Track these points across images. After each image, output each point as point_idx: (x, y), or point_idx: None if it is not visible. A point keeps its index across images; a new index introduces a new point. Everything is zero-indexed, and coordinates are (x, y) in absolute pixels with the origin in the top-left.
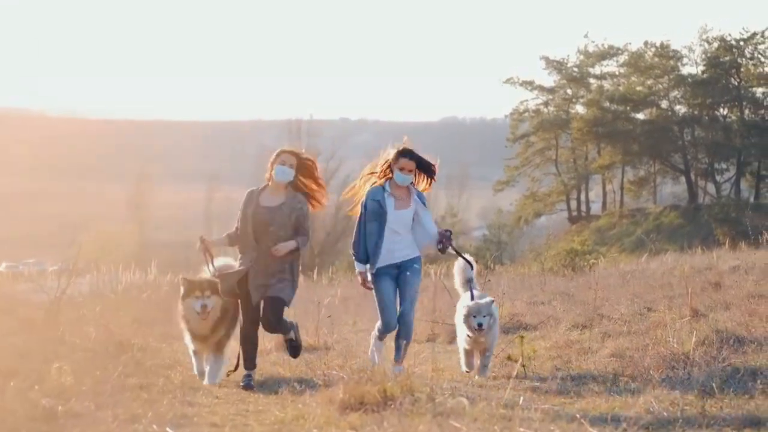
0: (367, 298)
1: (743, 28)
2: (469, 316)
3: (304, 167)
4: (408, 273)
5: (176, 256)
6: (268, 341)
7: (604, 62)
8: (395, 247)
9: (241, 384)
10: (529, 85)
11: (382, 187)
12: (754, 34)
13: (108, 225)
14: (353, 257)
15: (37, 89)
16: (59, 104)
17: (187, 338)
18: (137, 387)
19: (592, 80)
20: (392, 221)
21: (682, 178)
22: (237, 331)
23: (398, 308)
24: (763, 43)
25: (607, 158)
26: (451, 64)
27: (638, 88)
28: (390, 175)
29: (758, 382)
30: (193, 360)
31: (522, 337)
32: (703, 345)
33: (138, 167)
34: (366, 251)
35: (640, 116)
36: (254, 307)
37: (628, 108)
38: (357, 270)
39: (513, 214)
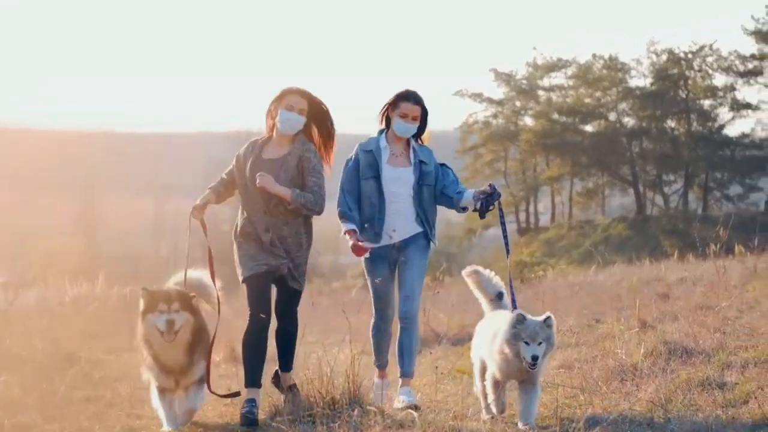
0: (318, 308)
1: (692, 41)
2: (518, 341)
3: (318, 113)
4: (409, 251)
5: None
6: (216, 353)
7: (553, 74)
8: (394, 222)
9: (243, 410)
10: (478, 97)
11: (378, 138)
12: (702, 47)
13: (56, 237)
14: (339, 217)
15: None
16: (4, 115)
17: (150, 371)
18: (85, 400)
19: (540, 92)
20: (387, 180)
21: (631, 190)
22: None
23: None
24: (711, 55)
25: (556, 170)
26: (402, 77)
27: (587, 100)
28: (386, 127)
29: (706, 393)
30: (158, 405)
31: (470, 348)
32: (651, 356)
33: (85, 179)
34: (354, 209)
35: (589, 128)
36: (260, 295)
37: (576, 120)
38: (344, 229)
39: (462, 226)
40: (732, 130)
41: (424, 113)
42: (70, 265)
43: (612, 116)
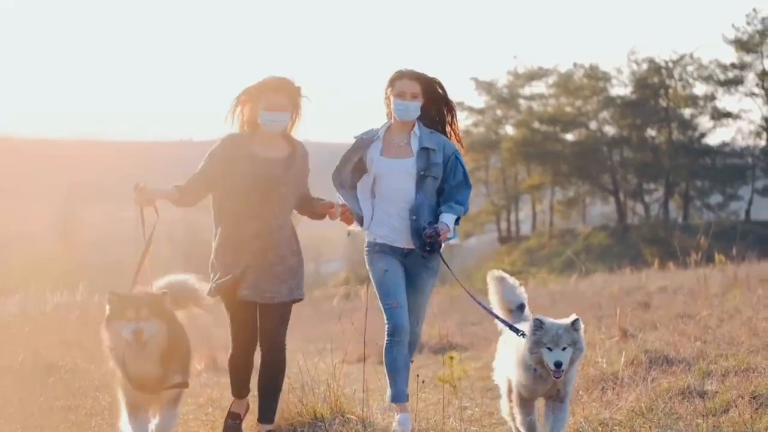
0: (299, 316)
1: (672, 50)
2: (539, 347)
3: (298, 109)
4: (418, 271)
5: (105, 277)
6: (197, 361)
7: (534, 83)
8: (394, 225)
9: (227, 423)
10: (459, 106)
11: (378, 128)
12: (683, 55)
13: (36, 245)
14: (334, 181)
15: None
16: None
17: (118, 385)
18: (65, 409)
19: (521, 101)
20: (380, 174)
21: (611, 199)
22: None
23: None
24: (692, 64)
25: (537, 179)
26: (381, 87)
27: (567, 109)
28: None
29: (687, 402)
30: (126, 428)
31: (452, 357)
32: (632, 365)
33: (66, 187)
34: (349, 183)
35: (570, 137)
36: (248, 318)
37: (557, 129)
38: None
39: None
40: (712, 139)
41: (433, 93)
42: (51, 273)
43: (593, 125)
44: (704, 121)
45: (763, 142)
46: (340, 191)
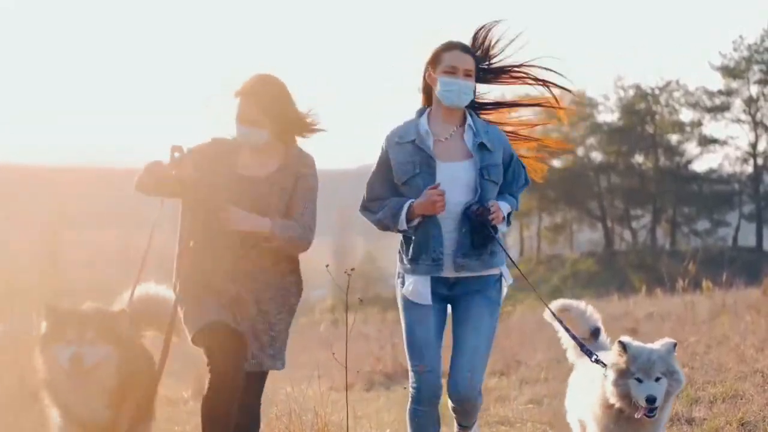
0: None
1: (659, 77)
2: (625, 378)
3: (282, 118)
4: (472, 303)
5: (90, 302)
6: (183, 389)
7: (520, 109)
8: (448, 245)
9: None
10: None
11: (417, 121)
12: (669, 82)
13: (21, 270)
14: (379, 224)
15: None
16: None
17: (55, 429)
18: None
19: None
20: (443, 182)
21: (599, 225)
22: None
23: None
24: (678, 91)
25: (524, 204)
26: (368, 111)
27: (554, 135)
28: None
29: (675, 428)
30: None
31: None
32: None
33: (50, 212)
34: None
35: (557, 163)
36: (229, 359)
37: (544, 154)
38: (403, 215)
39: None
40: (699, 165)
41: (487, 67)
42: (36, 297)
43: (580, 151)
44: (691, 148)
45: (749, 169)
46: (379, 218)
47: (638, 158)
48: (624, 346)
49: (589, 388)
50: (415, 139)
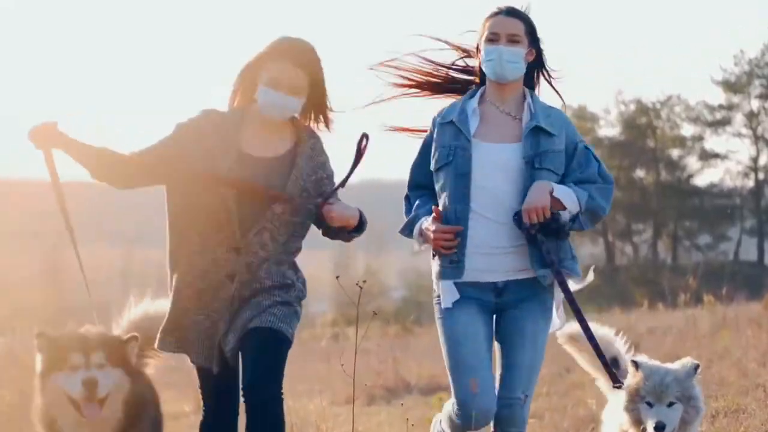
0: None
1: (660, 91)
2: (636, 402)
3: (319, 90)
4: (525, 311)
5: (93, 318)
6: (185, 402)
7: None
8: (494, 244)
9: None
10: None
11: (466, 99)
12: (670, 96)
13: (23, 286)
14: (405, 230)
15: None
16: None
17: None
18: None
19: None
20: (480, 166)
21: (600, 239)
22: None
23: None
24: (679, 105)
25: None
26: (373, 121)
27: None
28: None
29: None
30: None
31: (441, 398)
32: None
33: (53, 228)
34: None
35: None
36: (223, 374)
37: None
38: (421, 229)
39: (432, 275)
40: (701, 180)
41: (534, 39)
42: (38, 314)
43: None
44: (692, 162)
45: (751, 183)
46: (415, 212)
47: (639, 173)
48: (636, 365)
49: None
50: (455, 119)
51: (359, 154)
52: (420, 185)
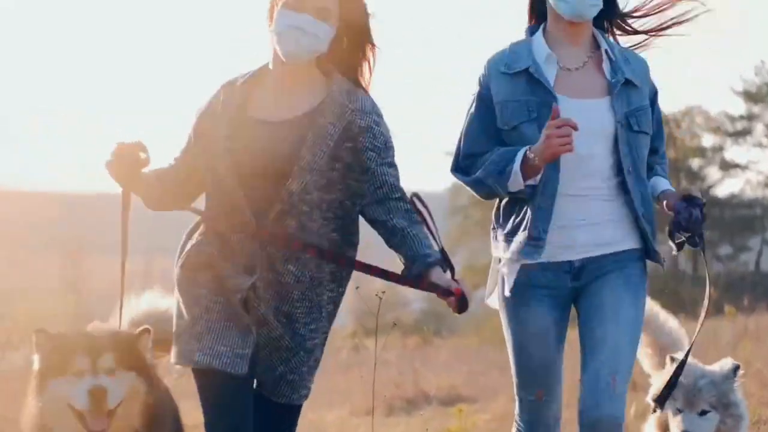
0: None
1: (681, 102)
2: (662, 404)
3: (355, 14)
4: (606, 284)
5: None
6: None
7: None
8: (577, 216)
9: None
10: None
11: (531, 41)
12: (691, 107)
13: (42, 297)
14: (470, 180)
15: None
16: None
17: None
18: None
19: None
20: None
21: None
22: None
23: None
24: (700, 116)
25: None
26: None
27: None
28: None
29: None
30: None
31: (461, 410)
32: (642, 417)
33: (72, 239)
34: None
35: None
36: (229, 403)
37: None
38: (513, 169)
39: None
40: (721, 191)
41: None
42: (56, 325)
43: None
44: (713, 173)
45: None
46: (479, 179)
47: None
48: (673, 361)
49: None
50: (530, 67)
51: (423, 212)
52: (477, 153)
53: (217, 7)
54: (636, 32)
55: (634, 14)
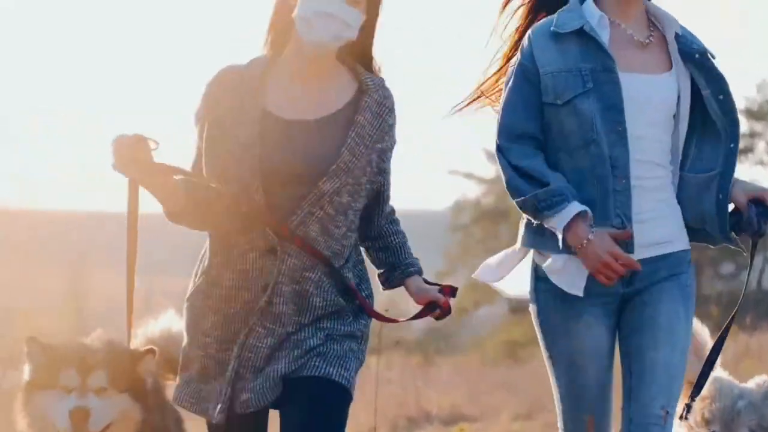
0: None
1: None
2: (701, 425)
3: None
4: (661, 295)
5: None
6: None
7: None
8: (641, 207)
9: None
10: (469, 176)
11: (577, 7)
12: None
13: (44, 314)
14: (526, 203)
15: None
16: None
17: None
18: None
19: None
20: (630, 101)
21: None
22: None
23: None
24: None
25: None
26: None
27: None
28: None
29: None
30: None
31: (462, 429)
32: None
33: (74, 257)
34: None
35: None
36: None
37: None
38: (555, 220)
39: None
40: None
41: None
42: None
43: None
44: None
45: None
46: (518, 187)
47: None
48: (707, 381)
49: None
50: (584, 26)
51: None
52: (524, 133)
53: (217, 7)
54: None
55: None
